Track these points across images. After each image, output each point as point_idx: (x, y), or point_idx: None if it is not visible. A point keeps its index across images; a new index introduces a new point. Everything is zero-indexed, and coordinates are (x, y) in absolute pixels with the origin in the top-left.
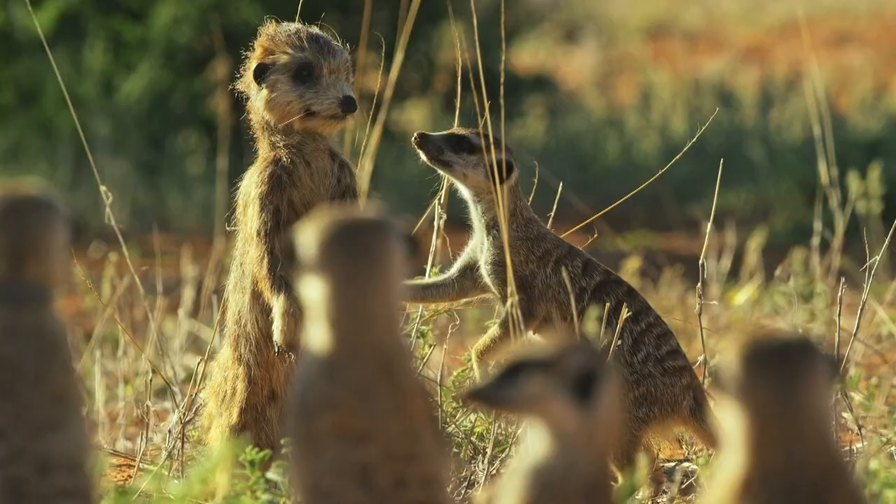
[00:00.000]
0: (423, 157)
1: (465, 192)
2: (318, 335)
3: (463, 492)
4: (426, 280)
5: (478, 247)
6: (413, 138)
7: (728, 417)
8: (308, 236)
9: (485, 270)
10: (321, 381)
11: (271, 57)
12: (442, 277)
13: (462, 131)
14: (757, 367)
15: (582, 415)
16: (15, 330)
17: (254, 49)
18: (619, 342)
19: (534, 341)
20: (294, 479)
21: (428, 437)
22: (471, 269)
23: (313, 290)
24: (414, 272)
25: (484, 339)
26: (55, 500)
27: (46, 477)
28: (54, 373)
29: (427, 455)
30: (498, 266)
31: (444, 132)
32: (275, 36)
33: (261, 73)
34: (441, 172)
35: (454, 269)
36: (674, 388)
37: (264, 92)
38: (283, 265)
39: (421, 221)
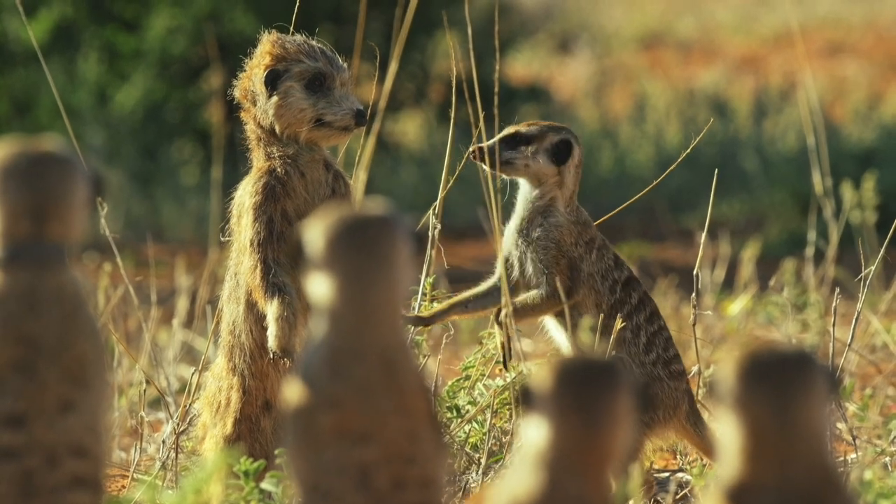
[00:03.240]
0: (486, 168)
1: (524, 185)
2: (321, 332)
3: (458, 502)
4: (477, 290)
5: (514, 227)
6: (470, 154)
7: (723, 429)
8: (315, 232)
9: (531, 247)
10: (323, 379)
11: (283, 64)
12: (490, 284)
13: (512, 129)
14: (754, 380)
15: (536, 431)
16: (35, 296)
17: (253, 56)
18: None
19: (548, 324)
20: (293, 476)
21: (427, 437)
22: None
23: (319, 287)
24: (417, 271)
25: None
26: (66, 491)
27: (56, 466)
28: (74, 341)
29: (426, 456)
30: (550, 242)
31: (496, 137)
32: (284, 43)
33: (273, 79)
34: (506, 176)
35: (497, 271)
36: (676, 392)
37: (275, 98)
38: (276, 272)
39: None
